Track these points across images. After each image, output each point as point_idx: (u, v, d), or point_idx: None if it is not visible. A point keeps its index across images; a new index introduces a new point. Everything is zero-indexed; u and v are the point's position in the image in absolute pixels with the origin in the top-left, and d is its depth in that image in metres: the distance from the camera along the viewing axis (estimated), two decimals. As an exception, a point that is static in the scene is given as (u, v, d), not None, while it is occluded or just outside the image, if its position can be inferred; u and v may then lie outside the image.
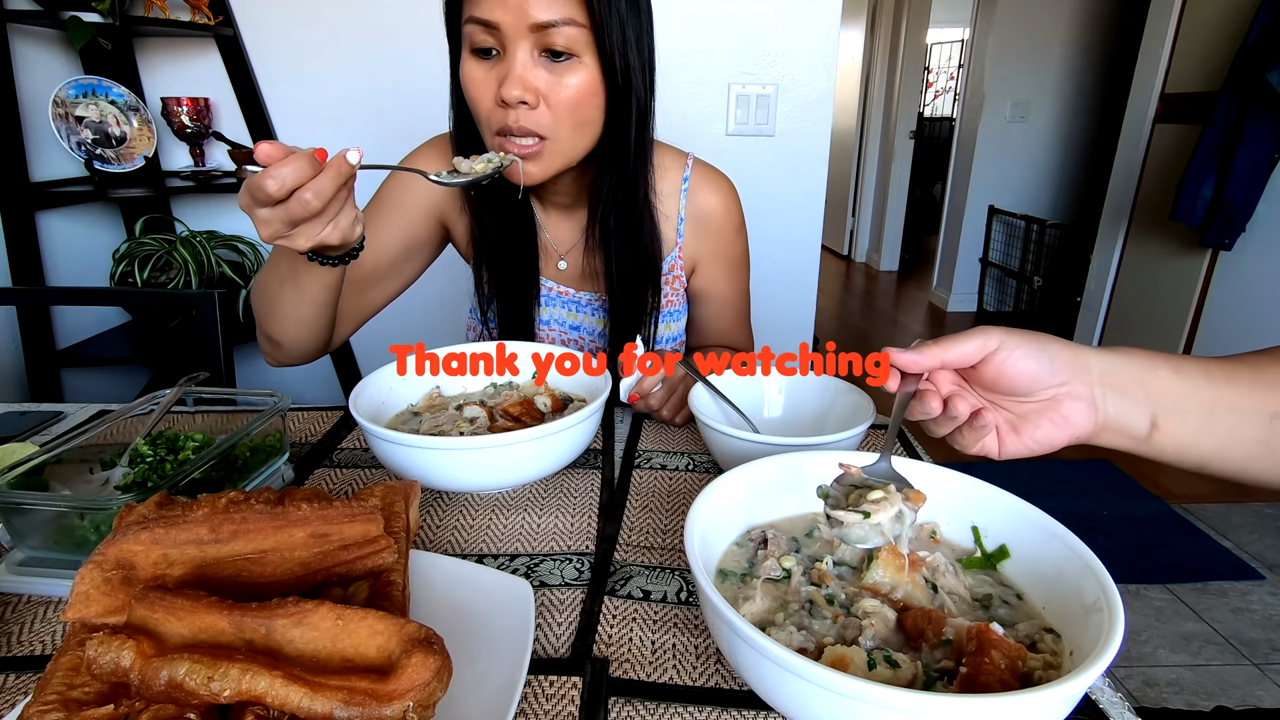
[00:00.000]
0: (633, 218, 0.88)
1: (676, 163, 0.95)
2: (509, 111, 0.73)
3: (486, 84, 0.74)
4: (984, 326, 0.49)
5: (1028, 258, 3.87)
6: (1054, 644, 0.44)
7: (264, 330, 0.83)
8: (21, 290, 1.60)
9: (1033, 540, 0.50)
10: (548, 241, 0.96)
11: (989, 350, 0.48)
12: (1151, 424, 0.49)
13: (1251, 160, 2.32)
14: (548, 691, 0.46)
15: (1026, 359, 0.48)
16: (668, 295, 0.97)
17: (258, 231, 0.60)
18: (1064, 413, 0.49)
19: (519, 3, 0.68)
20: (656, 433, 0.85)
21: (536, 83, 0.72)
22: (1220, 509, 2.24)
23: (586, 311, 0.98)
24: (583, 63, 0.73)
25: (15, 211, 1.58)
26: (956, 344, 0.48)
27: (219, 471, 0.63)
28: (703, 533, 0.48)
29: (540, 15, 0.69)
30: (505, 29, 0.70)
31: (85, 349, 1.74)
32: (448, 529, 0.65)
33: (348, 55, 1.81)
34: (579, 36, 0.71)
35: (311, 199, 0.57)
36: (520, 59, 0.71)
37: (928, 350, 0.48)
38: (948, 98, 7.36)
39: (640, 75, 0.78)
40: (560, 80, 0.73)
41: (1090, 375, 0.49)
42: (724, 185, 0.97)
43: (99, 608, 0.40)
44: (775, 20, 1.75)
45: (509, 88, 0.71)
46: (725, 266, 1.00)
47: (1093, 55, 3.96)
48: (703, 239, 0.97)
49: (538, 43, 0.71)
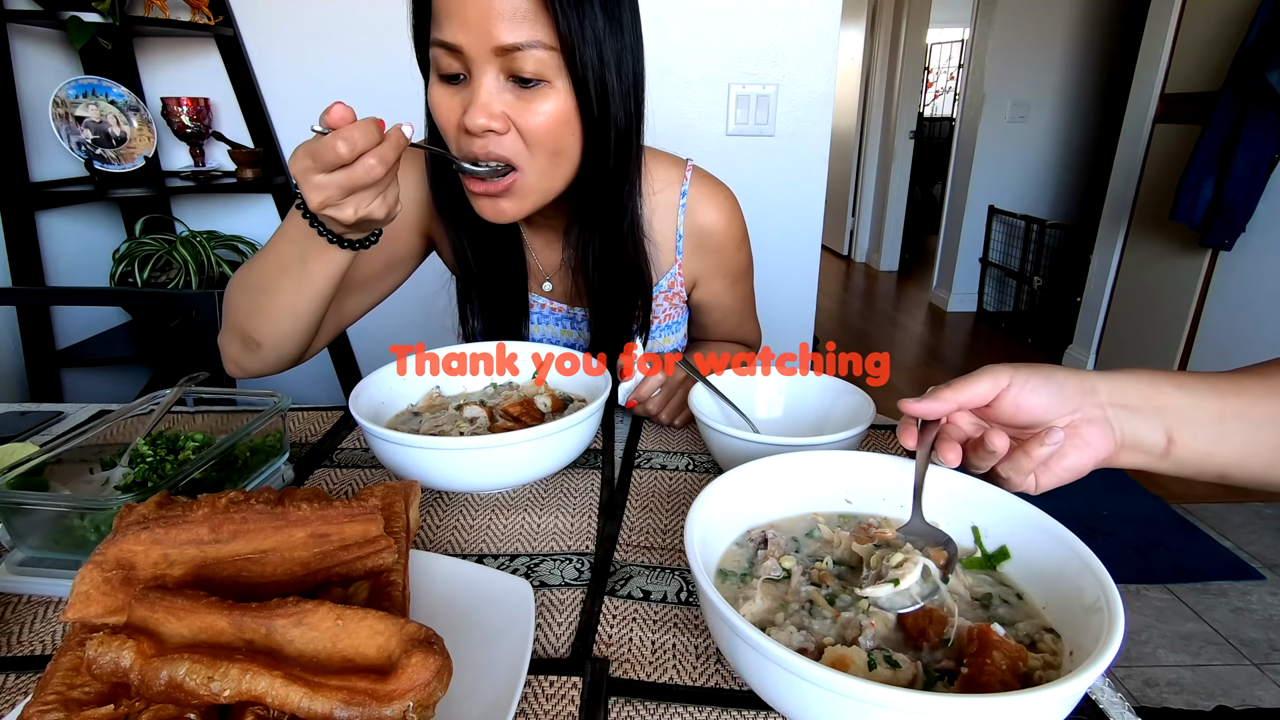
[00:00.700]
0: (616, 247, 0.83)
1: (673, 175, 0.90)
2: (475, 140, 0.68)
3: (451, 110, 0.69)
4: (990, 365, 0.51)
5: (1028, 258, 3.87)
6: (1054, 644, 0.44)
7: (242, 329, 0.76)
8: (21, 290, 1.60)
9: (1033, 540, 0.50)
10: (534, 262, 0.93)
11: (1000, 388, 0.50)
12: (1167, 439, 0.51)
13: (1251, 160, 2.32)
14: (548, 691, 0.46)
15: (1037, 391, 0.49)
16: (666, 310, 0.95)
17: (307, 199, 0.59)
18: (1084, 437, 0.50)
19: (481, 24, 0.63)
20: (656, 433, 0.85)
21: (504, 108, 0.67)
22: (1220, 509, 2.24)
23: (581, 328, 0.95)
24: (554, 88, 0.67)
25: (15, 211, 1.58)
26: (969, 385, 0.50)
27: (219, 471, 0.63)
28: (703, 533, 0.48)
29: (505, 38, 0.63)
30: (469, 52, 0.65)
31: (85, 349, 1.74)
32: (448, 529, 0.65)
33: (348, 55, 1.81)
34: (549, 60, 0.65)
35: (376, 164, 0.57)
36: (486, 85, 0.66)
37: (942, 395, 0.50)
38: (948, 98, 7.36)
39: (621, 100, 0.71)
40: (529, 107, 0.67)
41: (1099, 397, 0.50)
42: (724, 200, 0.92)
43: (99, 608, 0.40)
44: (775, 20, 1.75)
45: (473, 115, 0.66)
46: (728, 279, 0.97)
47: (1093, 55, 3.96)
48: (703, 256, 0.93)
49: (504, 67, 0.66)
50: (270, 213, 1.96)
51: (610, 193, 0.78)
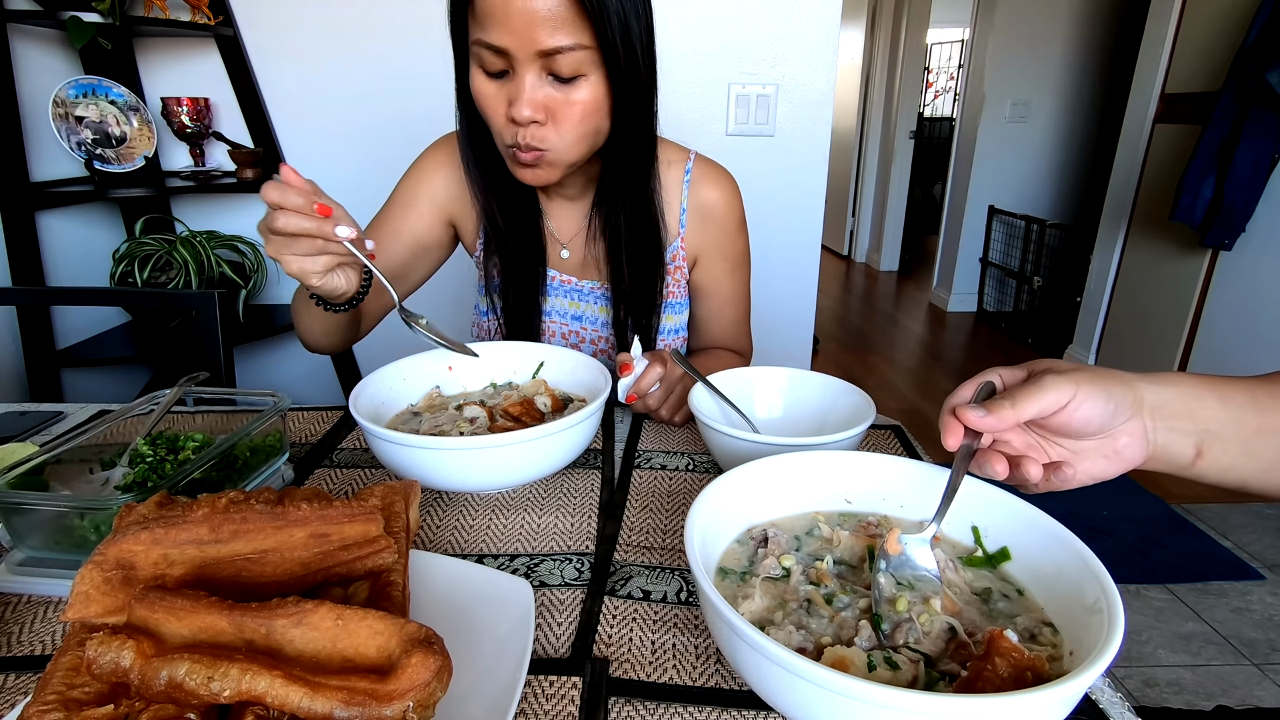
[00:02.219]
0: (638, 211, 0.90)
1: (679, 158, 0.97)
2: (519, 129, 0.75)
3: (498, 100, 0.76)
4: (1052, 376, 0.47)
5: (1028, 258, 3.87)
6: (1053, 637, 0.44)
7: (300, 336, 0.93)
8: (21, 290, 1.60)
9: (1033, 540, 0.50)
10: (551, 230, 0.99)
11: (1062, 404, 0.47)
12: (1196, 453, 0.50)
13: (1251, 160, 2.31)
14: (548, 691, 0.46)
15: (1094, 406, 0.47)
16: (669, 287, 0.99)
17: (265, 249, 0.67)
18: (1118, 447, 0.49)
19: (526, 31, 0.69)
20: (656, 433, 0.85)
21: (547, 102, 0.74)
22: (1220, 509, 2.24)
23: (589, 300, 1.00)
24: (589, 80, 0.74)
25: (15, 211, 1.57)
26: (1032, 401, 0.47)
27: (219, 471, 0.63)
28: (703, 533, 0.48)
29: (547, 42, 0.70)
30: (514, 54, 0.71)
31: (85, 349, 1.74)
32: (448, 529, 0.65)
33: (348, 55, 1.81)
34: (586, 58, 0.72)
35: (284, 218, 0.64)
36: (529, 81, 0.72)
37: (1002, 413, 0.47)
38: (948, 98, 7.36)
39: (646, 79, 0.79)
40: (568, 98, 0.74)
41: (1143, 407, 0.49)
42: (726, 180, 0.99)
43: (99, 608, 0.40)
44: (775, 20, 1.75)
45: (519, 109, 0.73)
46: (727, 262, 1.01)
47: (1093, 55, 3.96)
48: (705, 232, 0.98)
49: (544, 66, 0.72)
50: (270, 213, 1.95)
51: (637, 158, 0.86)
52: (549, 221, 0.98)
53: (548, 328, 1.02)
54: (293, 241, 0.65)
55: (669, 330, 1.02)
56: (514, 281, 0.97)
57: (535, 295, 0.98)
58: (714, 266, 1.01)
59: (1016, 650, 0.40)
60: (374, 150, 1.88)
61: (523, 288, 0.97)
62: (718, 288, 1.02)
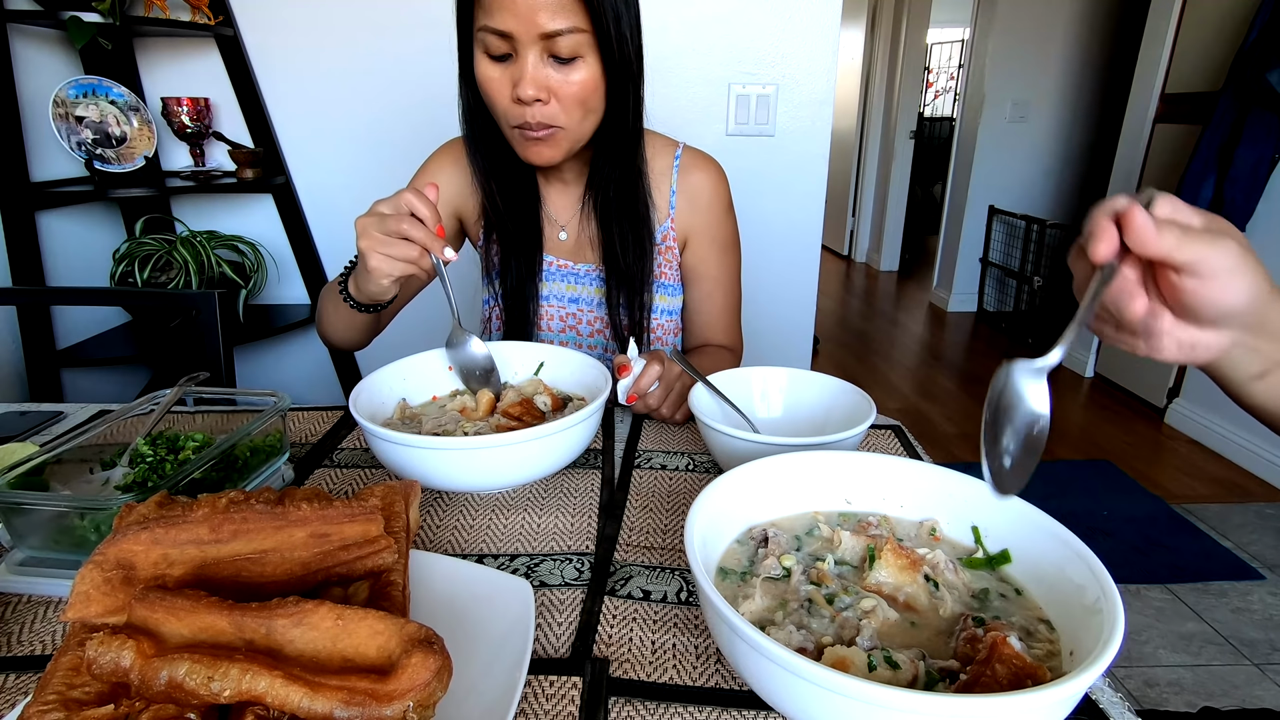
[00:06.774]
0: (627, 186, 0.96)
1: (668, 147, 1.04)
2: (525, 109, 0.81)
3: (502, 83, 0.82)
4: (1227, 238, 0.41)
5: (1028, 258, 3.87)
6: (1049, 634, 0.44)
7: (319, 327, 0.99)
8: (21, 290, 1.60)
9: (1033, 541, 0.50)
10: (549, 213, 1.03)
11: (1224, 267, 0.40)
12: (1261, 373, 0.47)
13: (1251, 160, 2.31)
14: (548, 691, 0.46)
15: (1238, 294, 0.41)
16: (661, 267, 1.04)
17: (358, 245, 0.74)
18: (1205, 340, 0.44)
19: (529, 15, 0.76)
20: (656, 433, 0.85)
21: (547, 82, 0.80)
22: (1220, 509, 2.24)
23: (585, 282, 1.04)
24: (586, 61, 0.81)
25: (15, 211, 1.57)
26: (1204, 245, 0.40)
27: (219, 471, 0.63)
28: (703, 533, 0.48)
29: (549, 26, 0.77)
30: (517, 36, 0.77)
31: (85, 349, 1.74)
32: (448, 529, 0.65)
33: (348, 55, 1.81)
34: (583, 40, 0.79)
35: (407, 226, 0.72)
36: (531, 61, 0.79)
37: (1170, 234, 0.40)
38: (948, 98, 7.36)
39: (636, 64, 0.86)
40: (567, 78, 0.81)
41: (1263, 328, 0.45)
42: (714, 166, 1.05)
43: (99, 608, 0.40)
44: (775, 20, 1.75)
45: (524, 88, 0.79)
46: (716, 245, 1.06)
47: (1093, 55, 3.96)
48: (694, 213, 1.04)
49: (546, 48, 0.79)
50: (270, 212, 1.95)
51: (628, 138, 0.92)
52: (546, 205, 1.03)
53: (546, 311, 1.05)
54: (393, 244, 0.72)
55: (662, 310, 1.05)
56: (513, 263, 1.01)
57: (534, 279, 1.03)
58: (703, 249, 1.05)
59: (1019, 658, 0.40)
60: (374, 150, 1.88)
61: (521, 270, 1.02)
62: (707, 269, 1.06)
